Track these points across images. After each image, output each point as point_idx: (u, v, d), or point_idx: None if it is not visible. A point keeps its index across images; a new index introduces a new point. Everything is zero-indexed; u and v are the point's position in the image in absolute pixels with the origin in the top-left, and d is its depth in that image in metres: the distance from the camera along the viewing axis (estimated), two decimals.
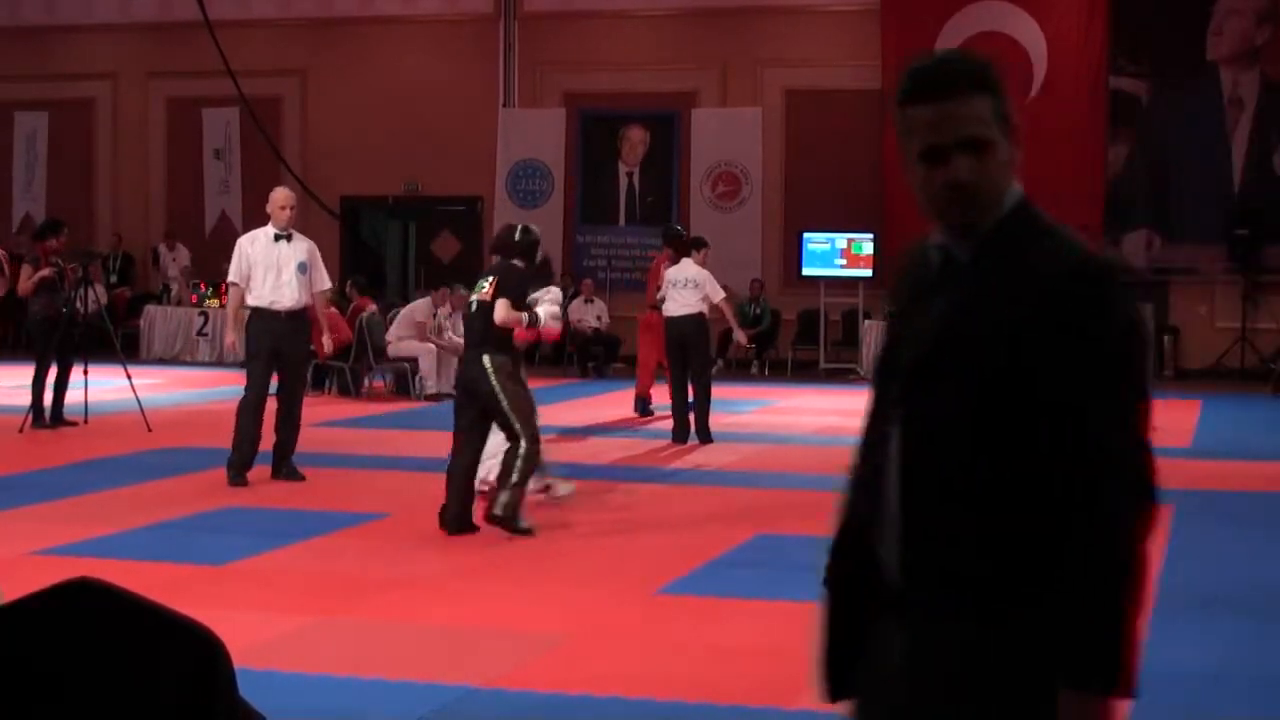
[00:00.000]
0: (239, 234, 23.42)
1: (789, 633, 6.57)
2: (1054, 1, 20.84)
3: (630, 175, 22.70)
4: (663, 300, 13.69)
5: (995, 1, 21.00)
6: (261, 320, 10.61)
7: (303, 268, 10.77)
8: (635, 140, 22.65)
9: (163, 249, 23.62)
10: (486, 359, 8.71)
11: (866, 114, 21.31)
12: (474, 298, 9.01)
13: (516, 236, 9.16)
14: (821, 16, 21.92)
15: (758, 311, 20.74)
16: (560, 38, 22.57)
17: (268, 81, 22.96)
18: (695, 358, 13.36)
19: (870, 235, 20.58)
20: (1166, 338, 20.73)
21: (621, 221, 22.71)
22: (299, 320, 10.77)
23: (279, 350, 10.61)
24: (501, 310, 8.75)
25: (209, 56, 20.92)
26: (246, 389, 10.70)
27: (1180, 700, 5.64)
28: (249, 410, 10.60)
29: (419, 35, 23.18)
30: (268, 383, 10.67)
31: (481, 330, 8.82)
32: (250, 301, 10.68)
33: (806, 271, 20.83)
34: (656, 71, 22.17)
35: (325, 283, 11.24)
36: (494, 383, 8.64)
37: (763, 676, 5.81)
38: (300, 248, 10.90)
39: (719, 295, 13.52)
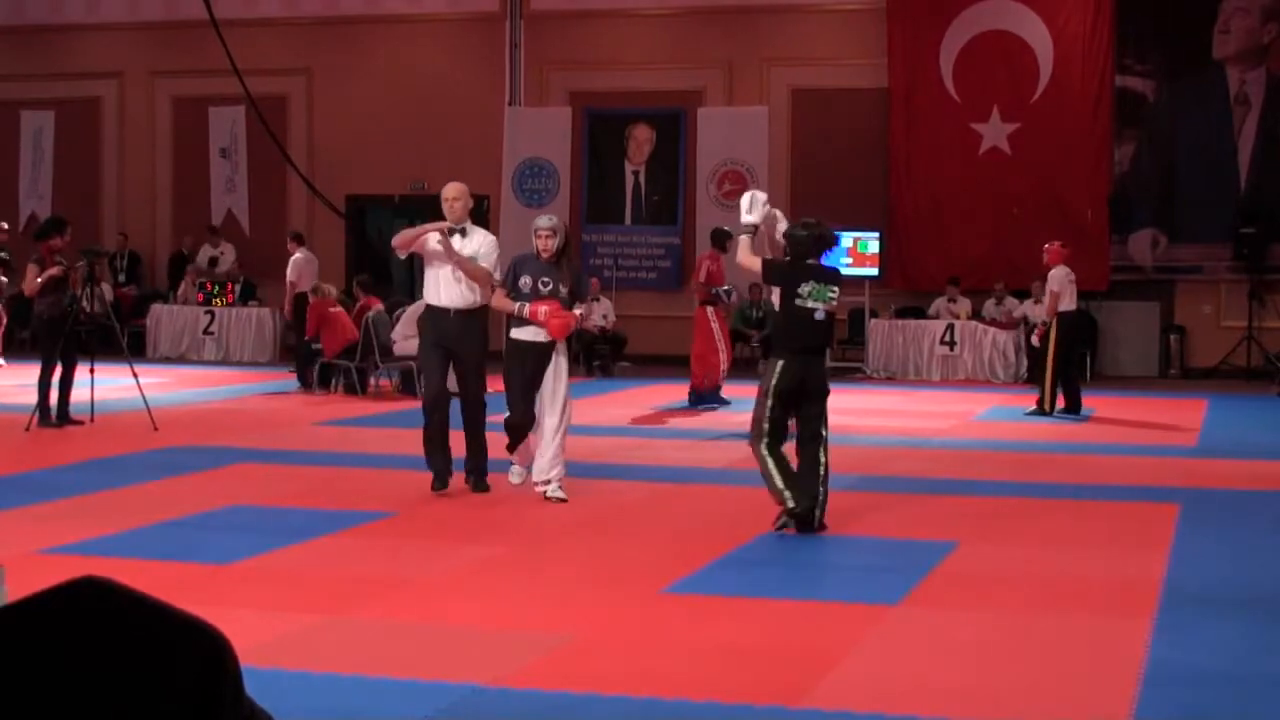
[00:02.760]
0: (245, 233, 23.88)
1: (795, 632, 6.58)
2: (1060, 0, 20.83)
3: (636, 174, 22.70)
4: (727, 294, 15.78)
5: (1001, 0, 20.99)
6: (432, 319, 10.10)
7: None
8: (641, 139, 22.65)
9: (206, 246, 23.48)
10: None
11: (872, 113, 21.34)
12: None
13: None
14: (827, 15, 21.91)
15: (759, 315, 20.75)
16: (566, 36, 22.58)
17: (274, 80, 22.99)
18: None
19: (876, 234, 20.56)
20: (1173, 337, 20.73)
21: (628, 220, 22.71)
22: (470, 319, 10.03)
23: (453, 351, 10.00)
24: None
25: (215, 55, 20.93)
26: (424, 391, 10.28)
27: (1185, 700, 5.64)
28: (429, 411, 10.04)
29: (425, 34, 23.20)
30: (443, 382, 10.11)
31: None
32: (426, 299, 10.17)
33: None
34: (662, 70, 22.17)
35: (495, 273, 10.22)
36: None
37: (768, 675, 5.81)
38: (475, 241, 10.07)
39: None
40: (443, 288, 9.98)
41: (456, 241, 9.94)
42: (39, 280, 13.37)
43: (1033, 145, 20.74)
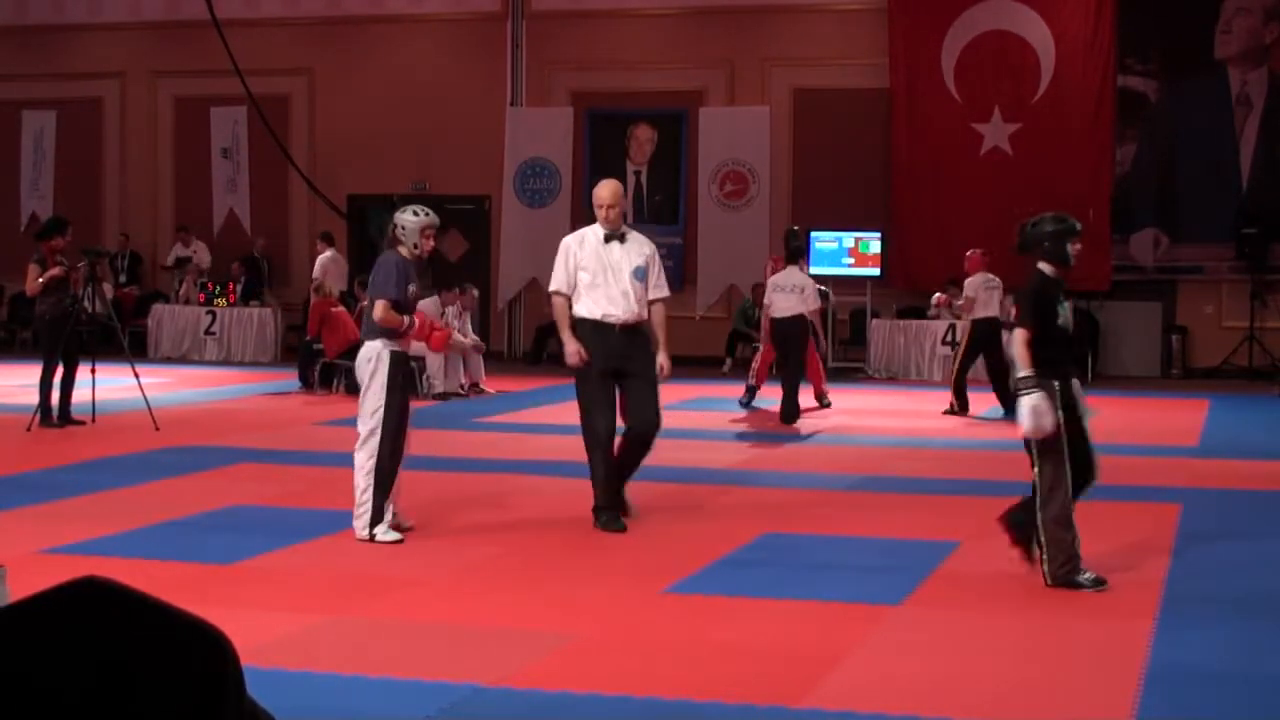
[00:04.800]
0: (247, 232, 23.89)
1: (796, 632, 6.58)
2: (1062, 0, 20.83)
3: (638, 174, 22.70)
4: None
5: (1003, 0, 20.98)
6: (592, 335, 9.05)
7: (639, 273, 9.19)
8: (643, 139, 22.65)
9: (178, 246, 23.50)
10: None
11: (874, 113, 21.33)
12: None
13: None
14: (829, 15, 21.91)
15: (760, 314, 20.74)
16: (568, 36, 22.58)
17: (275, 80, 22.99)
18: (793, 353, 14.84)
19: (877, 234, 20.56)
20: (1174, 337, 20.72)
21: (629, 220, 22.67)
22: (637, 333, 9.18)
23: (620, 370, 9.09)
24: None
25: (217, 55, 20.93)
26: (583, 420, 9.15)
27: (1186, 700, 5.64)
28: (596, 447, 9.07)
29: (427, 34, 23.19)
30: (610, 407, 9.15)
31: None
32: (578, 312, 9.12)
33: (814, 270, 20.76)
34: (664, 70, 22.17)
35: (663, 289, 9.45)
36: None
37: (770, 675, 5.81)
38: (640, 248, 9.33)
39: (815, 305, 14.94)
40: (605, 301, 9.09)
41: (615, 249, 9.19)
42: (40, 280, 13.37)
43: (1034, 145, 20.72)
